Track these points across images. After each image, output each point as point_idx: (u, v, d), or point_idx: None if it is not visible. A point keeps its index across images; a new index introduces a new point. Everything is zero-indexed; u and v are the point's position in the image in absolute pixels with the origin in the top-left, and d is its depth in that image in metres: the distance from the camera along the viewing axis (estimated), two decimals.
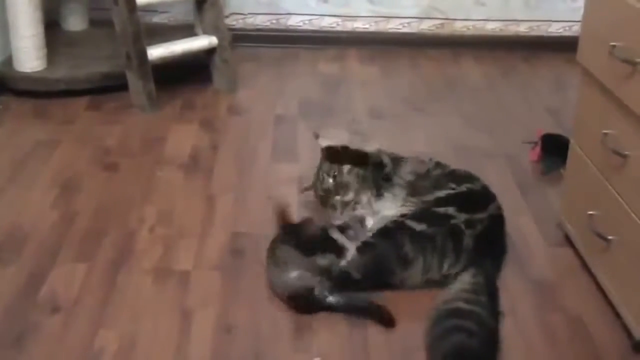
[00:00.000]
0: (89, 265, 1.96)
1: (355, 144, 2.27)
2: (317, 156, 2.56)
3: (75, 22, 3.30)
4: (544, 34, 3.60)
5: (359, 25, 3.56)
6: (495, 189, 2.39)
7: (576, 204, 2.04)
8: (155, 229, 2.13)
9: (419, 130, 2.78)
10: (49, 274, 1.93)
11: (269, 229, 2.02)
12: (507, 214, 2.26)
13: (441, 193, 2.02)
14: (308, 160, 2.53)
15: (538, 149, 2.57)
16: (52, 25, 3.14)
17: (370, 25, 3.56)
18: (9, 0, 2.78)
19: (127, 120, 2.77)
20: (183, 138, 2.64)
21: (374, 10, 3.54)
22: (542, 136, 2.59)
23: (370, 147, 2.23)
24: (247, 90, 3.05)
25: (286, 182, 2.39)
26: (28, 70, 2.87)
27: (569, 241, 2.10)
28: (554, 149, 2.52)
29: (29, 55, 2.85)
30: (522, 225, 2.21)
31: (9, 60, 2.90)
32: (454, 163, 2.53)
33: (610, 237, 1.82)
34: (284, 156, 2.56)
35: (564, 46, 3.35)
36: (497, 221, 2.05)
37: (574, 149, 2.07)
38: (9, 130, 2.69)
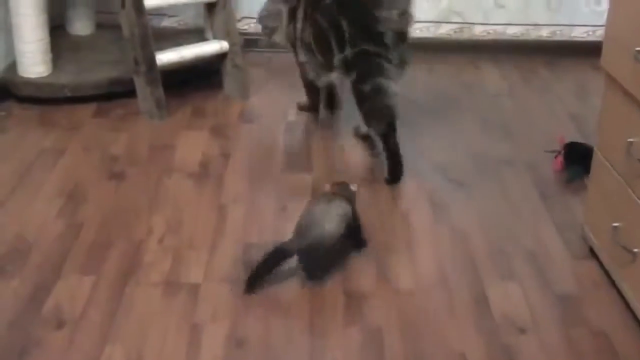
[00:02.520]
0: (95, 278, 1.98)
1: None
2: (332, 165, 2.58)
3: (81, 26, 3.33)
4: (567, 38, 3.60)
5: None
6: (515, 198, 2.40)
7: (600, 215, 2.04)
8: (164, 240, 2.14)
9: (436, 137, 2.78)
10: (54, 286, 1.94)
11: (282, 239, 2.03)
12: (529, 224, 2.27)
13: None
14: (321, 169, 2.55)
15: (561, 157, 2.56)
16: (57, 30, 3.16)
17: None
18: (13, 3, 2.81)
19: (134, 127, 2.79)
20: (193, 146, 2.66)
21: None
22: (565, 145, 2.59)
23: None
24: (259, 97, 3.07)
25: (299, 192, 2.40)
26: (33, 76, 2.90)
27: (593, 253, 2.10)
28: (577, 158, 2.52)
29: (33, 61, 2.88)
30: (544, 237, 2.21)
31: (13, 66, 2.93)
32: (473, 171, 2.55)
33: (635, 250, 1.82)
34: (296, 165, 2.57)
35: (587, 51, 3.34)
36: None
37: (598, 157, 2.06)
38: (13, 138, 2.71)
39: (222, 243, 2.14)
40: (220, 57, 3.02)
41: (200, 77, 3.12)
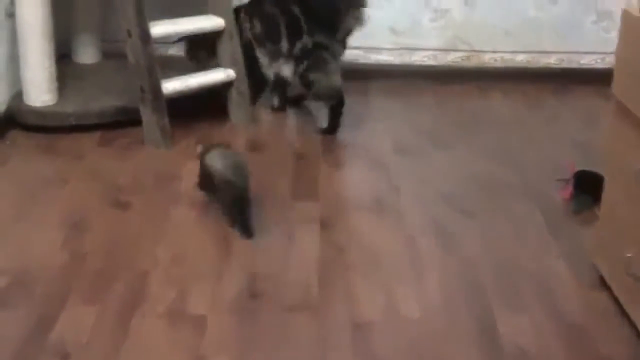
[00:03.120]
0: (99, 309, 1.98)
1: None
2: (340, 195, 2.60)
3: (87, 54, 3.37)
4: (575, 65, 3.62)
5: (383, 58, 3.60)
6: (523, 227, 2.41)
7: (611, 244, 2.04)
8: (169, 271, 2.15)
9: (444, 166, 2.80)
10: (58, 317, 1.95)
11: (289, 270, 2.03)
12: (537, 253, 2.27)
13: None
14: (329, 199, 2.56)
15: (570, 186, 2.57)
16: (63, 58, 3.20)
17: (394, 58, 3.61)
18: (20, 32, 2.85)
19: (140, 156, 2.81)
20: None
21: (398, 41, 3.59)
22: (575, 173, 2.60)
23: None
24: (266, 125, 3.09)
25: (306, 220, 2.41)
26: (38, 105, 2.93)
27: (603, 283, 2.10)
28: (586, 187, 2.52)
29: (39, 89, 2.91)
30: (553, 266, 2.21)
31: (19, 95, 2.96)
32: (480, 200, 2.56)
33: None
34: (304, 194, 2.58)
35: (597, 78, 3.35)
36: None
37: (608, 186, 2.07)
38: (17, 167, 2.73)
39: (227, 273, 2.15)
40: (227, 85, 3.05)
41: (206, 105, 3.15)
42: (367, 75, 3.40)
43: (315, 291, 2.07)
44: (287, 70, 3.07)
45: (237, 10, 3.12)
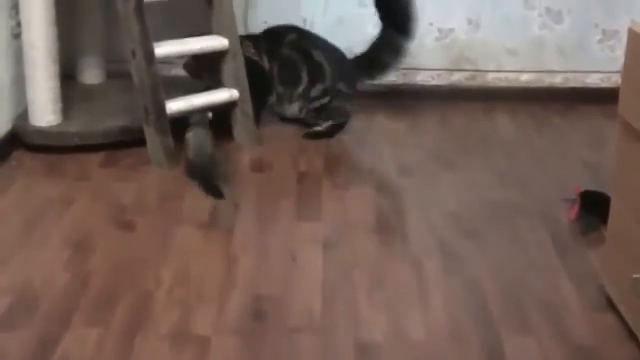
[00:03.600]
0: (103, 330, 1.98)
1: None
2: (344, 215, 2.60)
3: (91, 75, 3.39)
4: (581, 85, 3.63)
5: (387, 78, 3.61)
6: (530, 248, 2.41)
7: (620, 266, 2.04)
8: (172, 291, 2.16)
9: (449, 187, 2.80)
10: (62, 338, 1.95)
11: (293, 291, 2.04)
12: (544, 275, 2.27)
13: None
14: (333, 219, 2.56)
15: (576, 206, 2.57)
16: (68, 78, 3.23)
17: (398, 78, 3.62)
18: (26, 53, 2.88)
19: (143, 176, 2.82)
20: (202, 195, 2.68)
21: (403, 61, 3.59)
22: (580, 193, 2.60)
23: None
24: (270, 146, 3.10)
25: (310, 242, 2.41)
26: (43, 125, 2.95)
27: (612, 306, 2.09)
28: (593, 207, 2.52)
29: (44, 109, 2.93)
30: (560, 288, 2.21)
31: (24, 115, 2.98)
32: (486, 221, 2.56)
33: None
34: (308, 215, 2.59)
35: (603, 98, 3.37)
36: None
37: (615, 207, 2.07)
38: (22, 187, 2.74)
39: (231, 294, 2.15)
40: (230, 105, 3.06)
41: (210, 125, 3.15)
42: (371, 95, 3.41)
43: (319, 312, 2.07)
44: (294, 108, 3.23)
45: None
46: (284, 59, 3.18)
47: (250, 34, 3.32)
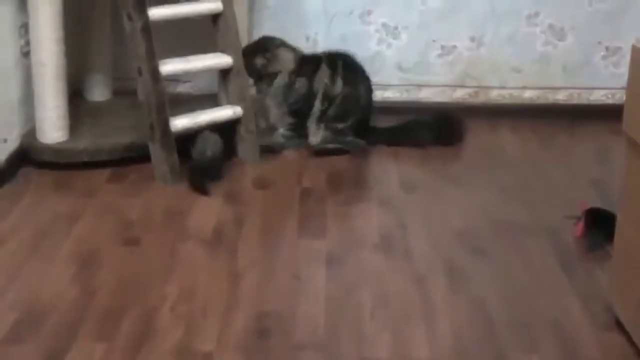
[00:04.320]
0: (108, 345, 1.99)
1: None
2: (347, 232, 2.60)
3: (98, 92, 3.41)
4: (585, 101, 3.63)
5: (390, 95, 3.63)
6: (536, 266, 2.40)
7: (627, 284, 2.02)
8: (177, 307, 2.16)
9: (454, 204, 2.80)
10: (68, 353, 1.95)
11: (297, 308, 2.03)
12: (551, 293, 2.26)
13: None
14: (336, 236, 2.56)
15: (582, 224, 2.56)
16: (75, 96, 3.25)
17: (402, 94, 3.63)
18: (34, 71, 2.90)
19: (149, 192, 2.83)
20: (206, 212, 2.69)
21: (405, 78, 3.61)
22: (586, 210, 2.59)
23: None
24: (273, 162, 3.11)
25: (314, 259, 2.41)
26: (51, 142, 2.96)
27: (619, 325, 2.07)
28: (599, 225, 2.51)
29: (52, 126, 2.95)
30: (567, 306, 2.19)
31: (32, 132, 3.00)
32: (491, 238, 2.55)
33: None
34: (311, 232, 2.59)
35: (607, 115, 3.36)
36: None
37: (621, 224, 2.06)
38: (30, 203, 2.75)
39: (235, 310, 2.15)
40: (234, 122, 3.07)
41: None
42: (374, 112, 3.41)
43: (322, 329, 2.07)
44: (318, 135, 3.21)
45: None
46: (297, 95, 3.17)
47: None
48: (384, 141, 3.23)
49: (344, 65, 3.20)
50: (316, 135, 3.18)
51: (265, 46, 3.19)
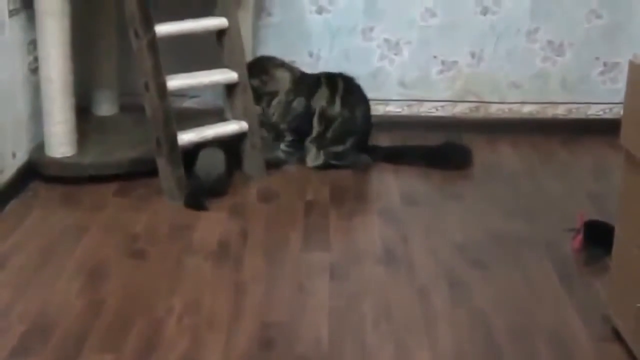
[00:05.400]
0: (115, 357, 1.99)
1: None
2: (350, 245, 2.61)
3: (106, 107, 3.43)
4: (583, 116, 3.64)
5: (391, 109, 3.64)
6: (535, 279, 2.40)
7: (625, 296, 2.02)
8: (182, 319, 2.16)
9: (454, 217, 2.80)
10: None
11: (301, 320, 2.04)
12: (550, 305, 2.26)
13: None
14: (340, 249, 2.57)
15: (580, 236, 2.56)
16: (83, 111, 3.26)
17: (403, 109, 3.65)
18: (43, 87, 2.92)
19: (155, 207, 2.84)
20: (212, 225, 2.70)
21: (406, 93, 3.63)
22: (584, 223, 2.59)
23: None
24: (277, 176, 3.12)
25: (318, 271, 2.42)
26: (59, 156, 2.98)
27: (617, 336, 2.08)
28: (597, 237, 2.51)
29: (60, 141, 2.96)
30: (566, 318, 2.20)
31: (40, 147, 3.01)
32: (491, 251, 2.56)
33: None
34: (315, 244, 2.60)
35: (605, 129, 3.38)
36: None
37: (619, 237, 2.07)
38: (38, 217, 2.77)
39: (240, 322, 2.15)
40: (240, 137, 3.08)
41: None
42: (376, 127, 3.43)
43: (326, 341, 2.07)
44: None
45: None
46: (296, 114, 3.18)
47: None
48: (384, 159, 3.23)
49: (344, 87, 3.20)
50: (315, 159, 3.18)
51: (262, 67, 3.20)
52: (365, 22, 3.54)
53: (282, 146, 3.22)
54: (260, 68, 3.19)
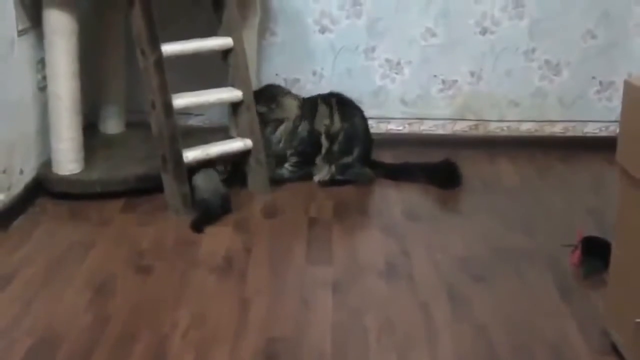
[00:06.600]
0: None
1: None
2: (353, 260, 2.60)
3: (112, 124, 3.43)
4: (580, 134, 3.65)
5: (393, 127, 3.65)
6: (535, 293, 2.39)
7: (623, 310, 2.02)
8: (188, 334, 2.15)
9: (455, 232, 2.80)
10: None
11: (304, 334, 2.03)
12: (549, 319, 2.25)
13: None
14: (343, 263, 2.56)
15: (578, 252, 2.56)
16: (90, 128, 3.27)
17: (404, 127, 3.65)
18: (51, 105, 2.93)
19: (161, 222, 2.83)
20: (217, 240, 2.69)
21: (408, 111, 3.64)
22: (582, 239, 2.59)
23: None
24: (281, 193, 3.12)
25: (320, 285, 2.41)
26: (66, 173, 2.98)
27: (615, 350, 2.07)
28: (595, 252, 2.51)
29: (67, 158, 2.97)
30: (565, 332, 2.19)
31: (47, 163, 3.01)
32: (492, 266, 2.55)
33: None
34: (318, 259, 2.59)
35: (601, 146, 3.39)
36: None
37: (616, 252, 2.06)
38: (45, 232, 2.76)
39: (245, 337, 2.14)
40: (244, 154, 3.09)
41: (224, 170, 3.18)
42: (378, 144, 3.43)
43: (329, 355, 2.06)
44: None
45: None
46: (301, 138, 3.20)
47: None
48: (384, 175, 3.24)
49: (338, 102, 3.23)
50: (325, 174, 3.19)
51: (270, 94, 3.21)
52: (368, 41, 3.55)
53: (287, 166, 3.23)
54: (269, 96, 3.20)
